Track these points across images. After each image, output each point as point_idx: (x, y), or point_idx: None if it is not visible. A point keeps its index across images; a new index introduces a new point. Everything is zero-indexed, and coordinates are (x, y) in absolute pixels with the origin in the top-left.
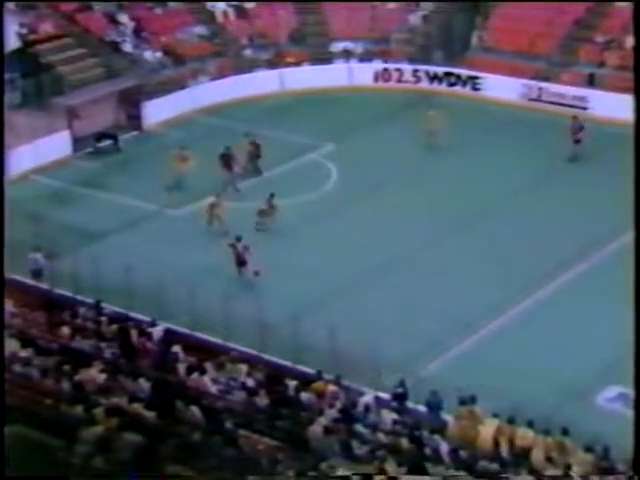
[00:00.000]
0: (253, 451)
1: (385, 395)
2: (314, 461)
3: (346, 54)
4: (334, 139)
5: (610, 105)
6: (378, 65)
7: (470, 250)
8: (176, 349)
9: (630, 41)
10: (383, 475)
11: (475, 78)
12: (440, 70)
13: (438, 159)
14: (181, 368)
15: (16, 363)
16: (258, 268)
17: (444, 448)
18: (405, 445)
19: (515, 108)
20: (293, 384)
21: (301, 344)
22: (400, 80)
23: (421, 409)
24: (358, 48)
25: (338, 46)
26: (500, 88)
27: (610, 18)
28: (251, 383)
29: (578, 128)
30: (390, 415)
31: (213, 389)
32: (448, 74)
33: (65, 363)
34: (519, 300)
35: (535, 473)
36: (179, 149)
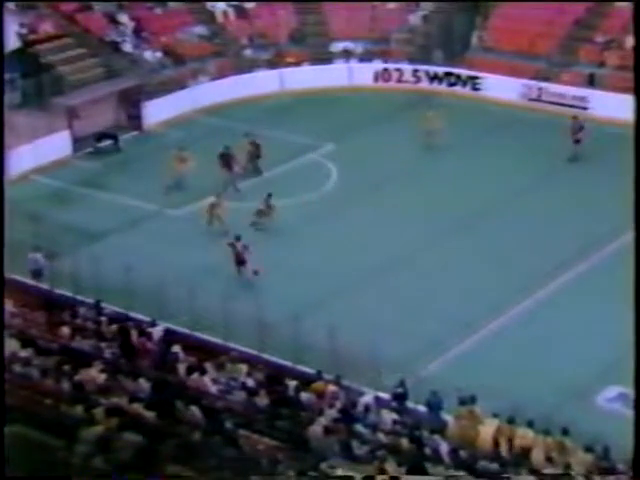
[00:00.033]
0: (253, 451)
1: (385, 395)
2: (314, 461)
3: (346, 54)
4: (334, 139)
5: (610, 105)
6: (378, 65)
7: (470, 250)
8: (176, 349)
9: (630, 41)
10: (383, 475)
11: (475, 78)
12: (440, 70)
13: (438, 159)
14: (181, 368)
15: (16, 363)
16: (257, 267)
17: (444, 448)
18: (405, 445)
19: (515, 108)
20: (293, 384)
21: (301, 344)
22: (400, 80)
23: (421, 409)
24: (358, 48)
25: (338, 46)
26: (500, 88)
27: (610, 18)
28: (251, 383)
29: (578, 128)
30: (390, 415)
31: (213, 389)
32: (448, 74)
33: (65, 363)
34: (519, 300)
35: (535, 473)
36: (178, 150)
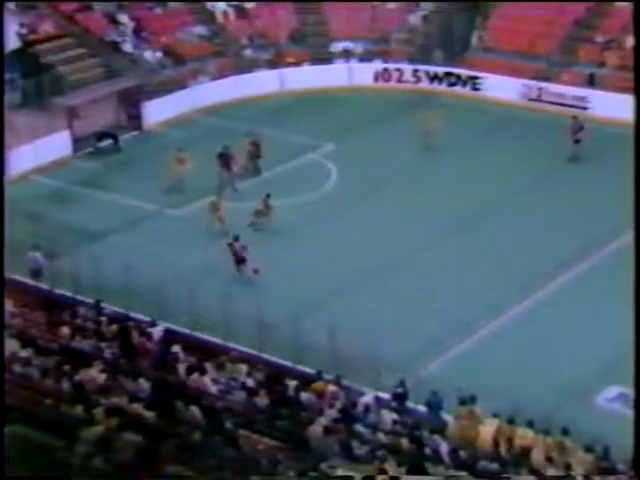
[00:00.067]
0: (253, 451)
1: (385, 395)
2: (314, 461)
3: (346, 54)
4: (334, 139)
5: (610, 105)
6: (378, 65)
7: (470, 250)
8: (176, 349)
9: (630, 41)
10: (383, 475)
11: (475, 78)
12: (440, 70)
13: (438, 159)
14: (181, 368)
15: (16, 363)
16: (257, 266)
17: (444, 448)
18: (405, 445)
19: (515, 108)
20: (293, 384)
21: (301, 344)
22: (400, 80)
23: (421, 409)
24: (358, 48)
25: (338, 46)
26: (500, 88)
27: (610, 18)
28: (251, 383)
29: (578, 128)
30: (390, 415)
31: (213, 389)
32: (448, 74)
33: (65, 363)
34: (519, 300)
35: (535, 473)
36: (177, 151)
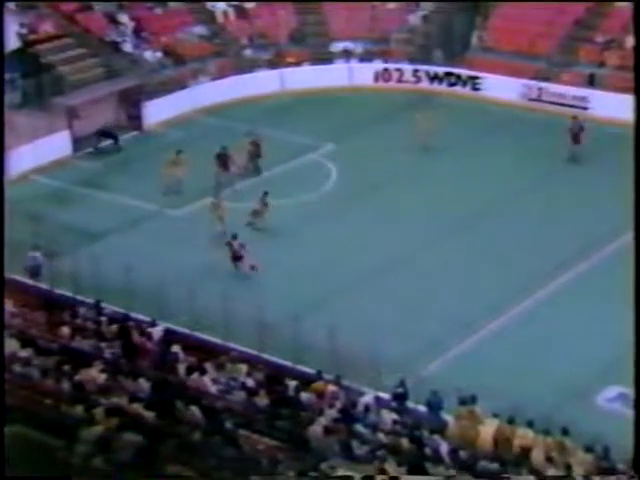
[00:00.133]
0: (253, 451)
1: (385, 395)
2: (314, 461)
3: (346, 54)
4: (334, 139)
5: (610, 105)
6: (378, 65)
7: (470, 250)
8: (176, 349)
9: (630, 41)
10: (383, 475)
11: (475, 78)
12: (440, 70)
13: (438, 159)
14: (181, 368)
15: (16, 363)
16: (254, 263)
17: (444, 448)
18: (405, 445)
19: (515, 108)
20: (293, 384)
21: (301, 344)
22: (400, 80)
23: (421, 409)
24: (358, 48)
25: (338, 46)
26: (500, 88)
27: (610, 18)
28: (251, 383)
29: (578, 128)
30: (390, 415)
31: (213, 389)
32: (448, 74)
33: (65, 363)
34: (519, 300)
35: (535, 473)
36: (174, 154)
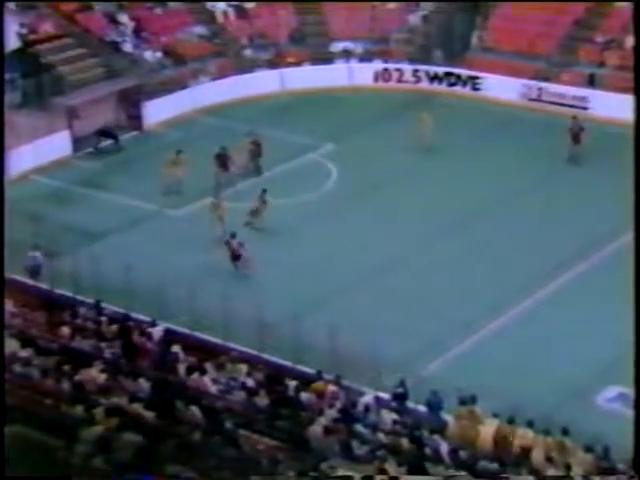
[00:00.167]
0: (253, 451)
1: (385, 395)
2: (314, 461)
3: (346, 54)
4: (334, 139)
5: (610, 105)
6: (378, 65)
7: (470, 250)
8: (176, 349)
9: (630, 41)
10: (383, 475)
11: (475, 78)
12: (440, 70)
13: (438, 159)
14: (181, 368)
15: (16, 363)
16: (248, 255)
17: (444, 448)
18: (405, 445)
19: (515, 108)
20: (293, 384)
21: (301, 344)
22: (400, 80)
23: (421, 409)
24: (358, 48)
25: (338, 46)
26: (500, 88)
27: (610, 18)
28: (251, 383)
29: (578, 128)
30: (390, 415)
31: (213, 389)
32: (448, 74)
33: (65, 363)
34: (519, 300)
35: (535, 473)
36: (174, 154)
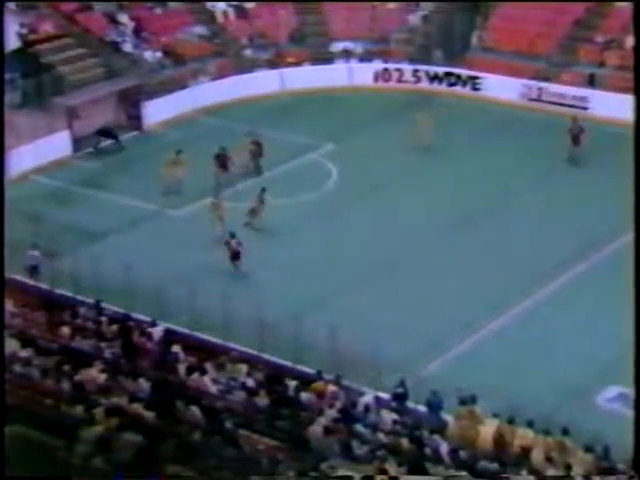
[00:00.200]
0: (253, 451)
1: (385, 395)
2: (314, 461)
3: (346, 54)
4: (334, 139)
5: (610, 105)
6: (378, 65)
7: (470, 250)
8: (176, 349)
9: (630, 41)
10: (383, 475)
11: (475, 78)
12: (440, 70)
13: (438, 159)
14: (181, 368)
15: (16, 363)
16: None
17: (444, 448)
18: (405, 445)
19: (515, 108)
20: (293, 384)
21: (301, 344)
22: (400, 80)
23: (421, 409)
24: (358, 48)
25: (338, 46)
26: (500, 88)
27: (610, 18)
28: (251, 383)
29: (578, 130)
30: (390, 415)
31: (213, 389)
32: (448, 74)
33: (65, 363)
34: (519, 300)
35: (535, 473)
36: (174, 154)
